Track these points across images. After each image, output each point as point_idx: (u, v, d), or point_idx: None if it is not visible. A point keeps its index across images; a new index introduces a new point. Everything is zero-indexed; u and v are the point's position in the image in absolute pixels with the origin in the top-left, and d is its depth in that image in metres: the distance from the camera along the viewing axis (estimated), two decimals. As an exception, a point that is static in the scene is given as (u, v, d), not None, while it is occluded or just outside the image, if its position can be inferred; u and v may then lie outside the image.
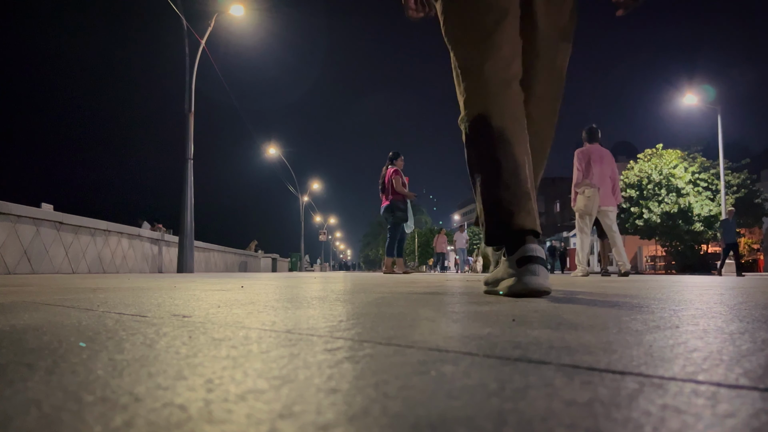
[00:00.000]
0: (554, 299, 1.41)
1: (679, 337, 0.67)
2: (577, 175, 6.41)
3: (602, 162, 6.32)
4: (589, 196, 6.24)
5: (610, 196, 6.35)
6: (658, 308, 1.12)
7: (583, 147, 6.49)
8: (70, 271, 6.76)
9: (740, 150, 34.21)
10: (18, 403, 0.35)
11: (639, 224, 22.93)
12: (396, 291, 1.83)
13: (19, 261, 6.02)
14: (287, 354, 0.53)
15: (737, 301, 1.38)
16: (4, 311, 0.99)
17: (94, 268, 7.13)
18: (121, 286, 2.11)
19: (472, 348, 0.58)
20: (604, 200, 6.31)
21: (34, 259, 6.25)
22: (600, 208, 6.33)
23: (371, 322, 0.81)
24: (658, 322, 0.84)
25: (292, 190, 29.81)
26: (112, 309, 1.04)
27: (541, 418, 0.32)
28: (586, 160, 6.34)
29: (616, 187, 6.44)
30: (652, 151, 24.22)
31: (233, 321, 0.84)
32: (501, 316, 0.94)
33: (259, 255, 19.86)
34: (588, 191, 6.25)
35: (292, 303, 1.24)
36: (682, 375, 0.44)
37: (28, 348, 0.57)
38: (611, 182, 6.38)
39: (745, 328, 0.78)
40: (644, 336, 0.68)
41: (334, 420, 0.31)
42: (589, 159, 6.33)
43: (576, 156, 6.46)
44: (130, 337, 0.65)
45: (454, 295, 1.62)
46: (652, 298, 1.47)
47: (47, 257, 6.46)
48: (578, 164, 6.41)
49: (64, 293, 1.57)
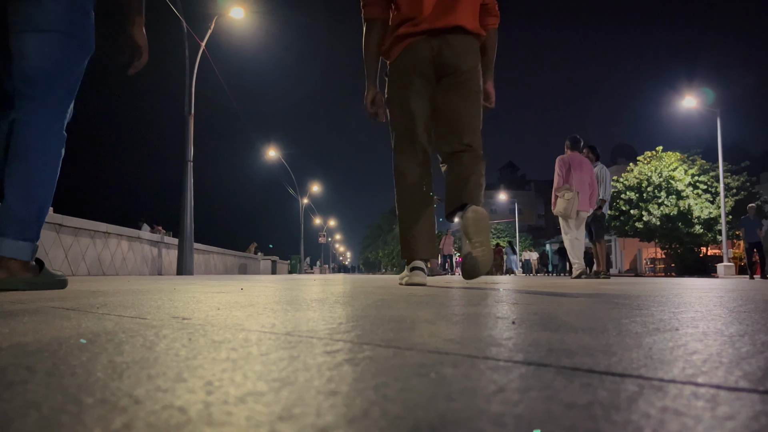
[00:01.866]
0: (553, 302, 1.41)
1: (678, 340, 0.67)
2: (558, 180, 6.78)
3: (581, 169, 6.69)
4: (569, 199, 6.62)
5: (586, 202, 6.70)
6: (657, 311, 1.12)
7: (565, 155, 6.89)
8: (70, 274, 6.75)
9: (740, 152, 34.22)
10: (17, 405, 0.35)
11: (638, 227, 22.93)
12: (395, 293, 1.83)
13: (18, 263, 5.99)
14: (287, 356, 0.53)
15: (737, 304, 1.38)
16: (3, 314, 0.98)
17: (94, 270, 7.12)
18: (120, 289, 2.10)
19: (472, 350, 0.58)
20: (581, 205, 6.67)
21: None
22: (580, 211, 6.68)
23: (371, 325, 0.81)
24: (657, 325, 0.84)
25: (291, 193, 29.83)
26: (111, 311, 1.04)
27: (541, 420, 0.32)
28: (566, 166, 6.73)
29: (593, 195, 6.80)
30: (651, 154, 24.24)
31: (233, 323, 0.84)
32: (501, 318, 0.94)
33: (258, 257, 19.86)
34: (568, 194, 6.63)
35: (292, 305, 1.24)
36: (681, 377, 0.44)
37: (28, 350, 0.57)
38: (589, 189, 6.75)
39: (744, 330, 0.78)
40: (644, 338, 0.68)
41: (334, 422, 0.31)
42: (569, 165, 6.72)
43: (557, 162, 6.84)
44: (129, 339, 0.65)
45: (454, 297, 1.62)
46: (652, 301, 1.47)
47: (46, 259, 6.45)
48: (559, 170, 6.80)
49: (63, 295, 1.57)
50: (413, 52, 2.59)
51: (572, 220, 6.63)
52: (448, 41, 2.56)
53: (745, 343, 0.65)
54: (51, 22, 1.90)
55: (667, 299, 1.56)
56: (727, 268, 14.73)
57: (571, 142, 6.89)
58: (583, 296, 1.72)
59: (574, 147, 6.84)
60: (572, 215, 6.60)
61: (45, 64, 1.90)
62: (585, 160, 6.79)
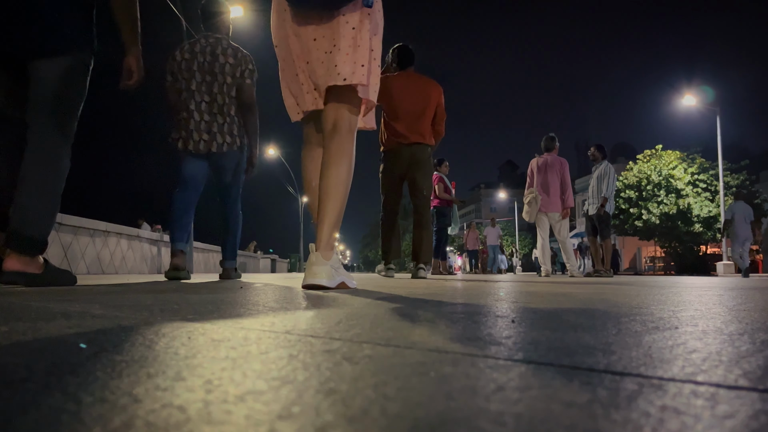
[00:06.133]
0: (553, 301, 1.41)
1: (678, 338, 0.67)
2: (527, 185, 7.01)
3: (548, 171, 6.77)
4: (529, 202, 6.80)
5: (550, 203, 6.75)
6: (657, 309, 1.12)
7: (535, 158, 7.01)
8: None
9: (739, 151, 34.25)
10: (16, 404, 0.34)
11: (638, 225, 22.95)
12: (395, 292, 1.83)
13: (17, 262, 5.99)
14: (286, 355, 0.53)
15: (736, 303, 1.38)
16: (2, 313, 0.98)
17: (93, 269, 7.12)
18: (120, 287, 2.11)
19: (472, 349, 0.58)
20: (547, 206, 6.74)
21: (33, 259, 6.22)
22: (548, 213, 6.77)
23: (370, 323, 0.81)
24: (657, 323, 0.84)
25: (291, 191, 29.81)
26: (110, 310, 1.04)
27: (541, 419, 0.32)
28: (530, 170, 6.97)
29: (566, 193, 6.79)
30: (651, 152, 24.25)
31: (232, 322, 0.84)
32: (500, 317, 0.94)
33: (258, 256, 19.86)
34: (528, 198, 6.82)
35: (291, 304, 1.24)
36: (681, 376, 0.44)
37: (27, 349, 0.57)
38: (559, 190, 6.78)
39: (744, 329, 0.78)
40: (643, 337, 0.68)
41: (333, 421, 0.31)
42: (533, 169, 6.91)
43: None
44: (128, 338, 0.65)
45: (453, 295, 1.62)
46: (651, 299, 1.47)
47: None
48: (528, 176, 7.01)
49: (62, 294, 1.57)
50: (395, 152, 4.58)
51: (542, 223, 6.77)
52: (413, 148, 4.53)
53: (744, 341, 0.65)
54: (63, 48, 2.16)
55: (667, 298, 1.56)
56: (727, 266, 14.72)
57: (543, 143, 7.02)
58: (582, 295, 1.72)
59: (546, 148, 6.95)
60: (532, 218, 6.81)
61: (58, 88, 2.14)
62: (556, 160, 6.82)
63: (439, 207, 8.23)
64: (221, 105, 3.50)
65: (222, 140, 3.51)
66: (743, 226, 9.88)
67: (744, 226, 9.90)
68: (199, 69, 3.47)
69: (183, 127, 3.51)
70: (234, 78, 3.52)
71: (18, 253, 2.00)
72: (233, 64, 3.51)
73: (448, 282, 3.31)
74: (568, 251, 6.83)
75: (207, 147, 3.49)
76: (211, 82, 3.48)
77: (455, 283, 3.15)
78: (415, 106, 4.45)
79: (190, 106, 3.47)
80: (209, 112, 3.49)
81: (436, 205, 8.25)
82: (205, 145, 3.49)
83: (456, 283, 2.98)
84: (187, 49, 3.52)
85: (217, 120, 3.50)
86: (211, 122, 3.49)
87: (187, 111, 3.48)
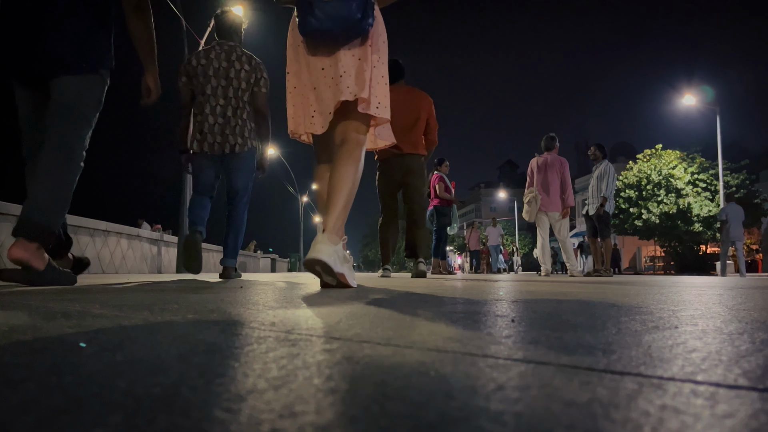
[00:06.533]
0: (553, 300, 1.41)
1: (677, 338, 0.67)
2: (527, 185, 7.02)
3: (547, 170, 6.78)
4: (529, 201, 6.82)
5: (550, 203, 6.77)
6: (656, 309, 1.12)
7: (534, 158, 7.02)
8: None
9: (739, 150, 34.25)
10: (17, 403, 0.35)
11: (638, 225, 22.95)
12: (395, 292, 1.84)
13: (17, 261, 5.99)
14: (287, 354, 0.53)
15: (736, 302, 1.38)
16: (3, 311, 0.98)
17: (93, 269, 7.12)
18: (119, 287, 2.11)
19: (471, 348, 0.58)
20: (547, 206, 6.75)
21: (33, 259, 6.21)
22: (548, 212, 6.78)
23: (370, 323, 0.81)
24: (656, 323, 0.84)
25: (291, 191, 29.82)
26: (111, 309, 1.04)
27: (541, 418, 0.32)
28: (530, 169, 6.97)
29: (566, 193, 6.79)
30: (651, 152, 24.25)
31: (233, 321, 0.84)
32: (500, 316, 0.94)
33: (258, 255, 19.86)
34: (528, 197, 6.84)
35: (291, 303, 1.24)
36: (680, 375, 0.44)
37: (27, 349, 0.57)
38: (559, 189, 6.79)
39: (743, 328, 0.78)
40: (643, 336, 0.68)
41: (334, 420, 0.31)
42: (533, 169, 6.92)
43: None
44: (130, 337, 0.65)
45: (453, 295, 1.62)
46: (651, 299, 1.47)
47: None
48: (528, 176, 7.02)
49: (62, 294, 1.57)
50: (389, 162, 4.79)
51: (542, 223, 6.78)
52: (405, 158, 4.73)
53: (744, 341, 0.65)
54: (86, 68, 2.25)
55: (666, 297, 1.56)
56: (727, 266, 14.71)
57: (543, 142, 7.03)
58: (582, 294, 1.72)
59: (546, 148, 6.96)
60: (531, 218, 6.82)
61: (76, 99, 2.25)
62: (557, 160, 6.83)
63: (438, 206, 8.23)
64: (235, 108, 3.69)
65: (234, 141, 3.69)
66: (736, 228, 10.09)
67: (737, 227, 10.11)
68: (215, 74, 3.66)
69: (198, 129, 3.69)
70: (249, 84, 3.72)
71: (25, 239, 2.03)
72: (248, 71, 3.71)
73: (448, 282, 3.31)
74: (568, 251, 6.83)
75: (221, 148, 3.68)
76: (227, 86, 3.68)
77: (455, 282, 3.15)
78: (405, 120, 4.59)
79: (206, 110, 3.66)
80: (223, 115, 3.67)
81: (435, 205, 8.25)
82: (219, 146, 3.68)
83: (456, 283, 2.98)
84: (202, 55, 3.72)
85: (230, 123, 3.68)
86: (224, 125, 3.67)
87: (202, 114, 3.67)
